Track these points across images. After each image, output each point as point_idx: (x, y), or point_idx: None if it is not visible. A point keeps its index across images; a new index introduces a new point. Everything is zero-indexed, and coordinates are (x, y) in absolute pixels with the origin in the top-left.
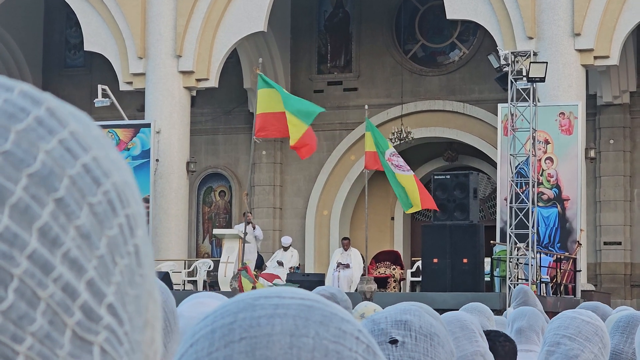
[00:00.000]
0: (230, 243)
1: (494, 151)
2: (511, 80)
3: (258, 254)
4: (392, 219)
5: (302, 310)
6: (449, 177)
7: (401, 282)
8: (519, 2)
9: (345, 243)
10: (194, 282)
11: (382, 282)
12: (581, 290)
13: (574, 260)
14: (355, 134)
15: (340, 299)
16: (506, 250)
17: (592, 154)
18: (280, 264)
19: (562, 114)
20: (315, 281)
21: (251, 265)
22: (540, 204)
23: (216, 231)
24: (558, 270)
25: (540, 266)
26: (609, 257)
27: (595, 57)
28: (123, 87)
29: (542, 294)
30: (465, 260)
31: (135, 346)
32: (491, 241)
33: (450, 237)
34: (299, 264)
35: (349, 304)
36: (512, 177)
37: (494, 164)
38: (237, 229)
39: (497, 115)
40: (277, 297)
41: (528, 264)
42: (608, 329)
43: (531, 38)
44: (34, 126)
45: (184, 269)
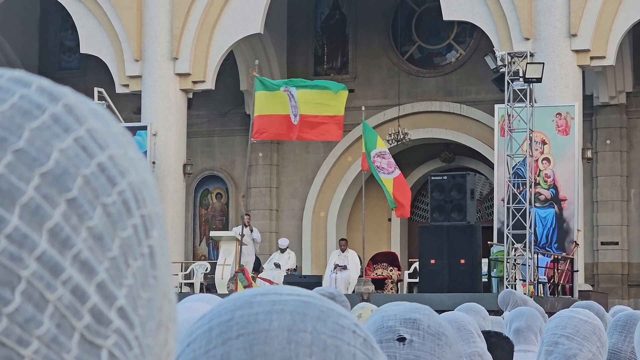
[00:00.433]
0: (227, 245)
1: (491, 152)
2: (508, 81)
3: (256, 256)
4: (389, 220)
5: (299, 306)
6: (446, 178)
7: (398, 284)
8: (516, 3)
9: (343, 244)
10: (191, 285)
11: (379, 284)
12: (579, 291)
13: (572, 260)
14: (352, 135)
15: (338, 300)
16: (503, 251)
17: (588, 154)
18: (277, 266)
19: (559, 114)
20: (312, 283)
21: (249, 267)
22: (537, 204)
23: (213, 233)
24: (555, 270)
25: (538, 266)
26: (606, 257)
27: (592, 58)
28: (119, 89)
29: (539, 294)
30: (462, 261)
31: (145, 350)
32: (488, 242)
33: (448, 238)
34: (296, 266)
35: (347, 305)
36: (509, 178)
37: (491, 165)
38: (235, 231)
39: (494, 116)
40: (274, 294)
41: (525, 265)
42: (608, 327)
43: (528, 39)
44: (49, 124)
45: (181, 271)
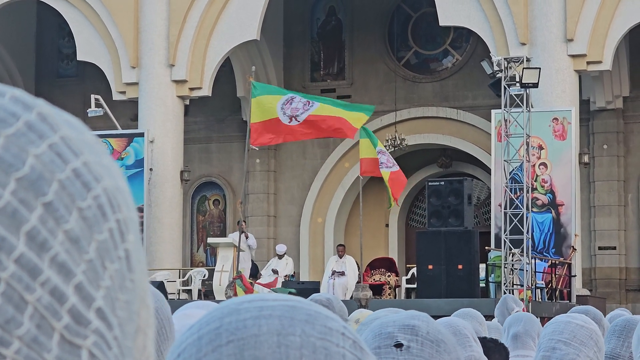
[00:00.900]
0: (224, 252)
1: (487, 157)
2: (504, 86)
3: (253, 262)
4: (387, 225)
5: (287, 311)
6: (443, 183)
7: (396, 289)
8: (512, 9)
9: (340, 249)
10: (189, 292)
11: (377, 289)
12: (576, 295)
13: (569, 265)
14: (349, 141)
15: (336, 305)
16: (501, 256)
17: (585, 159)
18: (275, 272)
19: (556, 119)
20: (310, 289)
21: (245, 273)
22: (534, 209)
23: (210, 240)
24: (553, 275)
25: (535, 272)
26: (603, 262)
27: (588, 63)
28: (116, 96)
29: (537, 299)
30: (460, 267)
31: (125, 351)
32: (486, 247)
33: (445, 243)
34: (293, 272)
35: (344, 311)
36: (506, 183)
37: (488, 170)
38: (231, 237)
39: (490, 122)
40: (261, 300)
41: (523, 270)
42: (606, 332)
43: (524, 44)
44: (24, 131)
45: (179, 278)
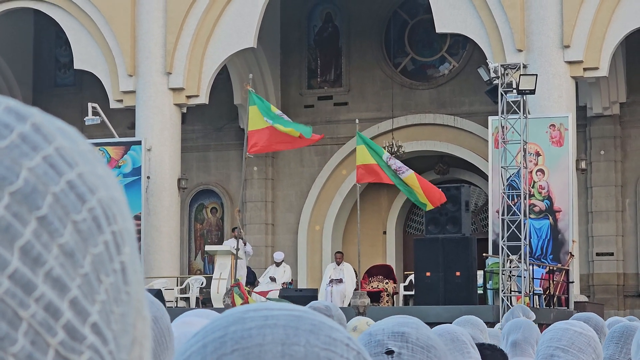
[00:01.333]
0: (222, 259)
1: (485, 164)
2: (501, 93)
3: (250, 270)
4: (384, 233)
5: (292, 320)
6: (440, 190)
7: (394, 296)
8: (508, 15)
9: (338, 257)
10: (187, 299)
11: (375, 297)
12: (574, 302)
13: (567, 271)
14: (346, 148)
15: (334, 313)
16: (499, 263)
17: (583, 165)
18: (272, 279)
19: (553, 125)
20: (308, 296)
21: (242, 281)
22: (532, 215)
23: (208, 248)
24: (551, 281)
25: (533, 278)
26: (601, 268)
27: (585, 69)
28: (113, 105)
29: (535, 305)
30: (458, 273)
31: None
32: (483, 254)
33: (443, 250)
34: (291, 280)
35: (342, 318)
36: (504, 190)
37: (485, 177)
38: (227, 244)
39: (487, 128)
40: (266, 310)
41: (521, 276)
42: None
43: (520, 50)
44: (17, 143)
45: (177, 286)
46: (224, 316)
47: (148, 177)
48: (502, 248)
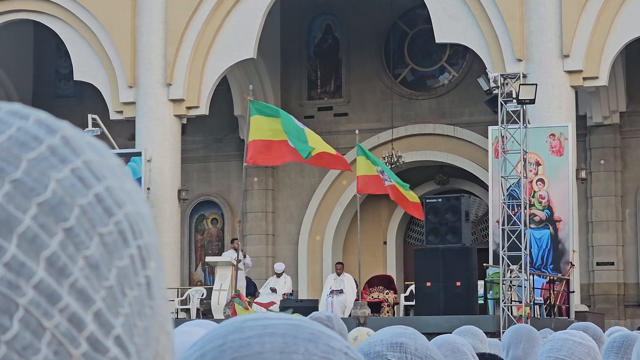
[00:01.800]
0: (223, 270)
1: (485, 174)
2: (501, 103)
3: (250, 280)
4: (385, 243)
5: (290, 329)
6: (440, 200)
7: (395, 307)
8: (508, 25)
9: (339, 267)
10: (187, 310)
11: (375, 307)
12: (575, 311)
13: (567, 281)
14: (346, 158)
15: (335, 323)
16: (499, 273)
17: (583, 174)
18: (273, 290)
19: (553, 135)
20: (309, 307)
21: (243, 292)
22: (532, 225)
23: (209, 259)
24: (551, 291)
25: (534, 288)
26: (602, 278)
27: (585, 78)
28: (113, 116)
29: (535, 315)
30: (458, 284)
31: None
32: (484, 264)
33: (443, 260)
34: (292, 290)
35: (344, 329)
36: (504, 199)
37: (485, 187)
38: (226, 256)
39: (487, 138)
40: (265, 319)
41: (521, 286)
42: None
43: (520, 60)
44: (46, 155)
45: (177, 297)
46: (223, 325)
47: (148, 188)
48: (503, 258)
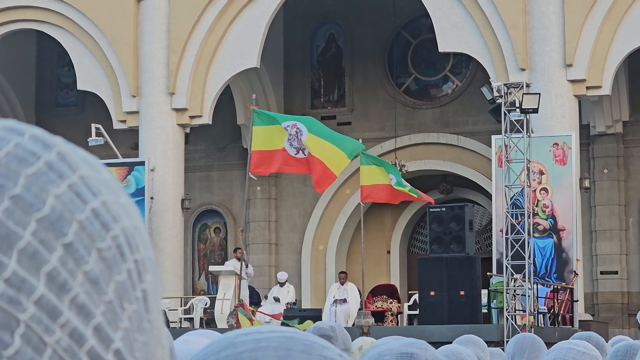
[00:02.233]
0: (226, 280)
1: (488, 183)
2: (504, 112)
3: (254, 289)
4: (389, 252)
5: (283, 342)
6: (444, 209)
7: (398, 316)
8: (511, 34)
9: (342, 277)
10: (191, 320)
11: (379, 316)
12: (579, 320)
13: (571, 290)
14: (350, 167)
15: (339, 333)
16: (503, 282)
17: (586, 183)
18: (276, 300)
19: (556, 144)
20: (312, 316)
21: (246, 301)
22: (536, 234)
23: (212, 268)
24: (555, 300)
25: (538, 297)
26: (605, 287)
27: (588, 88)
28: (116, 125)
29: (539, 324)
30: (462, 293)
31: None
32: (488, 273)
33: (447, 269)
34: (295, 300)
35: (348, 339)
36: (508, 209)
37: (489, 196)
38: (229, 265)
39: (491, 147)
40: (257, 333)
41: (525, 295)
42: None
43: (523, 69)
44: (44, 170)
45: (180, 306)
46: (216, 342)
47: (151, 198)
48: (506, 267)
